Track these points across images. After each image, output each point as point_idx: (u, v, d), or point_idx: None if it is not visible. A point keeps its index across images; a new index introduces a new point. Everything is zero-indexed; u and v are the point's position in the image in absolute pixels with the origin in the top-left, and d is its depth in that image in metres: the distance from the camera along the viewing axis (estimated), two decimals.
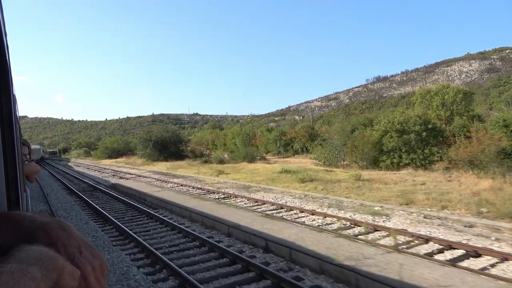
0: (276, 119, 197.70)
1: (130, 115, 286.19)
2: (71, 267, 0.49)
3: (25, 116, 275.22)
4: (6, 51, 0.97)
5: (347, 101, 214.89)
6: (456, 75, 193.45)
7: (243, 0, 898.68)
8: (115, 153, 57.76)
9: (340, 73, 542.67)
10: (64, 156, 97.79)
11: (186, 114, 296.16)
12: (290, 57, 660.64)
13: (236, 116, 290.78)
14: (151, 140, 38.77)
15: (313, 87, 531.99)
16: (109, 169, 36.08)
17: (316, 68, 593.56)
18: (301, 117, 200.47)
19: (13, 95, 1.23)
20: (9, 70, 1.08)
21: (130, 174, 28.92)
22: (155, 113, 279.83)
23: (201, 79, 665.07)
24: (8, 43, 1.10)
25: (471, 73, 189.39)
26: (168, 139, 39.23)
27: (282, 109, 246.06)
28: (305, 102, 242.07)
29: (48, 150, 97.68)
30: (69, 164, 52.22)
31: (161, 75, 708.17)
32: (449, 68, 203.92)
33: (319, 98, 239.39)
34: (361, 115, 46.82)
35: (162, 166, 33.16)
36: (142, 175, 27.50)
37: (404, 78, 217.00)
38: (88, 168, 39.40)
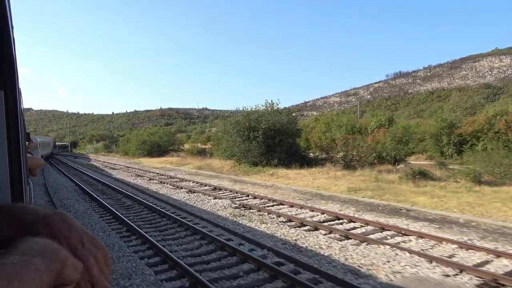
0: (293, 114, 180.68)
1: (137, 109, 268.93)
2: (73, 260, 0.47)
3: (30, 109, 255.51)
4: (13, 45, 0.93)
5: (369, 96, 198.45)
6: (487, 71, 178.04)
7: None
8: (155, 149, 40.60)
9: (355, 69, 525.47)
10: (77, 150, 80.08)
11: (195, 109, 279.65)
12: (299, 54, 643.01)
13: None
14: (257, 130, 21.20)
15: (328, 83, 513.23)
16: (188, 180, 18.76)
17: (330, 64, 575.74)
18: (322, 113, 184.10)
19: (18, 88, 1.14)
20: (15, 63, 1.02)
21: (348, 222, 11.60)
22: (163, 107, 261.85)
23: (212, 75, 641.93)
24: (15, 36, 1.04)
25: (503, 69, 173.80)
26: (283, 130, 21.98)
27: (297, 105, 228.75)
28: (322, 98, 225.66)
29: (57, 144, 79.76)
30: (94, 164, 34.47)
31: (168, 70, 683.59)
32: (477, 63, 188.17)
33: (336, 93, 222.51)
34: None
35: (313, 182, 15.72)
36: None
37: (428, 73, 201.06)
38: (140, 176, 21.97)
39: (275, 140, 21.35)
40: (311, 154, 21.88)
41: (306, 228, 8.92)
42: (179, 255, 6.81)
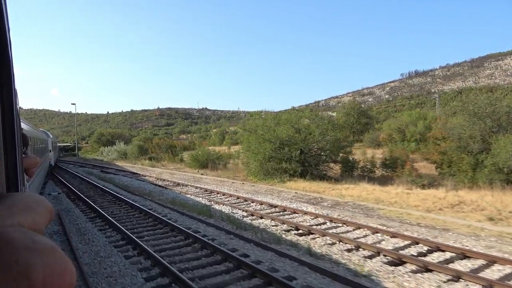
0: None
1: (134, 108, 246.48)
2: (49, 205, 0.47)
3: (19, 108, 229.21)
4: (9, 46, 0.93)
5: (387, 96, 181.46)
6: None
7: None
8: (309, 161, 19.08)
9: (364, 68, 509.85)
10: (83, 155, 58.78)
11: (195, 109, 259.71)
12: (303, 53, 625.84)
13: (249, 112, 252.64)
14: None
15: (336, 82, 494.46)
16: None
17: (337, 63, 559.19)
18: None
19: (14, 89, 1.13)
20: (12, 64, 1.03)
21: None
22: (161, 107, 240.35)
23: (212, 75, 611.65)
24: (11, 38, 1.04)
25: None
26: None
27: (308, 104, 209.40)
28: (334, 97, 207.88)
29: (57, 145, 58.21)
30: (231, 214, 14.11)
31: (166, 70, 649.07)
32: (501, 62, 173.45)
33: (349, 93, 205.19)
34: None
35: None
36: None
37: (448, 73, 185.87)
38: None
39: None
40: None
41: None
42: None
